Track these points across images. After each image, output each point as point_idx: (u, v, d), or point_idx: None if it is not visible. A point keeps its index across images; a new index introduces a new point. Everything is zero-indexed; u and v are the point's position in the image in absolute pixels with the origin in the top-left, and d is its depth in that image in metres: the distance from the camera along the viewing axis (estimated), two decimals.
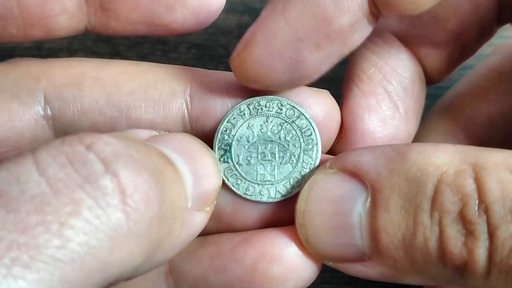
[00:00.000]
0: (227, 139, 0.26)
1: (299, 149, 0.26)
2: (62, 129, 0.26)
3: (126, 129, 0.23)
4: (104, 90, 0.26)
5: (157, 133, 0.23)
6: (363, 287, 0.34)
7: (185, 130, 0.26)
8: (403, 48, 0.28)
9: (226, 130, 0.26)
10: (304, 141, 0.26)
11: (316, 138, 0.26)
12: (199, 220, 0.23)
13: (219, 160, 0.26)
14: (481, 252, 0.21)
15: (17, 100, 0.25)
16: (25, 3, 0.24)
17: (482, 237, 0.21)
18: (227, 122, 0.26)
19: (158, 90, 0.26)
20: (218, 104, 0.26)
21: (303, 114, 0.26)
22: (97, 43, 0.36)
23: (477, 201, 0.21)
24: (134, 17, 0.25)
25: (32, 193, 0.18)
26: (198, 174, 0.23)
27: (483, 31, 0.29)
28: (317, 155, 0.26)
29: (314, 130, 0.26)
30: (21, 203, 0.18)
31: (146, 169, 0.20)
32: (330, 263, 0.25)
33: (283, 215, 0.26)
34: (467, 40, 0.28)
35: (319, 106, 0.26)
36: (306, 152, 0.26)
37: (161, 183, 0.20)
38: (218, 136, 0.26)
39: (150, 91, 0.26)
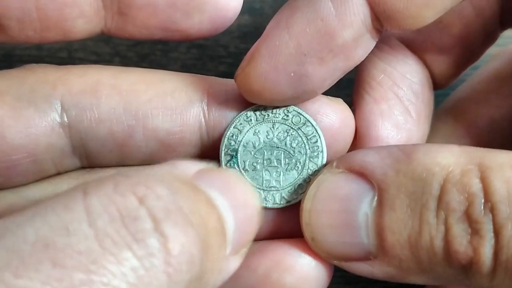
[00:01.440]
0: (233, 145, 0.26)
1: (304, 155, 0.26)
2: (79, 137, 0.26)
3: (175, 161, 0.23)
4: (122, 98, 0.26)
5: (206, 166, 0.23)
6: (364, 287, 0.34)
7: (201, 139, 0.26)
8: (410, 53, 0.29)
9: (232, 136, 0.26)
10: (309, 148, 0.26)
11: (322, 145, 0.26)
12: (234, 264, 0.23)
13: (225, 165, 0.26)
14: (486, 251, 0.21)
15: (33, 107, 0.25)
16: (44, 7, 0.24)
17: (487, 236, 0.21)
18: (233, 127, 0.26)
19: (175, 98, 0.26)
20: (235, 113, 0.26)
21: (309, 121, 0.26)
22: (97, 43, 0.36)
23: (483, 200, 0.22)
24: (151, 22, 0.25)
25: (79, 248, 0.18)
26: (241, 220, 0.23)
27: (487, 35, 0.29)
28: (322, 162, 0.26)
29: (320, 137, 0.26)
30: (67, 257, 0.17)
31: (193, 225, 0.20)
32: (335, 262, 0.25)
33: (288, 221, 0.26)
34: (472, 44, 0.29)
35: (335, 114, 0.26)
36: (311, 159, 0.26)
37: (206, 241, 0.20)
38: (225, 141, 0.26)
39: (167, 100, 0.26)
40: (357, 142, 0.27)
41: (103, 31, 0.26)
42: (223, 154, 0.26)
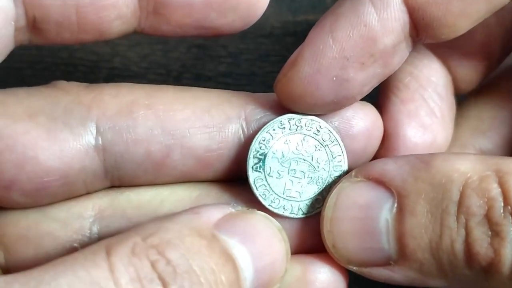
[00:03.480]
0: (263, 149, 0.26)
1: (327, 172, 0.27)
2: (113, 159, 0.26)
3: (199, 208, 0.23)
4: (158, 118, 0.26)
5: (232, 210, 0.23)
6: None
7: (239, 154, 0.26)
8: (435, 58, 0.29)
9: (264, 140, 0.26)
10: (333, 167, 0.27)
11: (345, 165, 0.27)
12: None
13: (252, 168, 0.26)
14: (507, 252, 0.22)
15: (68, 129, 0.25)
16: (83, 10, 0.24)
17: (508, 237, 0.22)
18: (266, 132, 0.26)
19: (213, 116, 0.26)
20: None
21: (337, 140, 0.26)
22: (97, 43, 0.36)
23: (502, 204, 0.22)
24: (186, 21, 0.25)
25: None
26: (261, 268, 0.23)
27: (506, 44, 0.30)
28: None
29: (344, 157, 0.27)
30: None
31: (202, 284, 0.21)
32: (355, 268, 0.25)
33: (308, 236, 0.27)
34: (493, 52, 0.30)
35: (368, 117, 0.27)
36: (333, 178, 0.27)
37: None
38: (255, 145, 0.26)
39: (204, 118, 0.26)
40: (384, 142, 0.28)
41: (137, 30, 0.26)
42: (251, 157, 0.26)
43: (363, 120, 0.27)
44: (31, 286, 0.19)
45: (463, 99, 0.32)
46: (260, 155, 0.26)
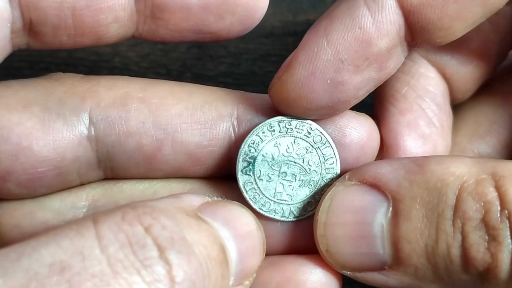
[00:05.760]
0: (252, 152, 0.26)
1: (319, 175, 0.26)
2: (106, 150, 0.26)
3: (180, 194, 0.23)
4: (151, 112, 0.26)
5: (209, 199, 0.24)
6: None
7: (230, 152, 0.26)
8: (431, 67, 0.29)
9: (253, 143, 0.26)
10: (325, 169, 0.26)
11: (337, 168, 0.26)
12: None
13: (241, 172, 0.26)
14: (504, 256, 0.22)
15: (62, 120, 0.25)
16: (79, 13, 0.24)
17: (505, 241, 0.22)
18: (255, 135, 0.26)
19: (205, 113, 0.26)
20: None
21: (329, 142, 0.26)
22: None
23: (499, 208, 0.22)
24: (183, 25, 0.25)
25: (93, 271, 0.19)
26: (244, 251, 0.23)
27: (502, 51, 0.30)
28: None
29: (336, 159, 0.26)
30: (83, 279, 0.18)
31: (196, 255, 0.21)
32: (348, 273, 0.25)
33: (301, 237, 0.27)
34: (488, 59, 0.29)
35: (363, 127, 0.26)
36: (325, 180, 0.26)
37: (208, 269, 0.21)
38: (245, 148, 0.26)
39: (197, 114, 0.26)
40: (384, 153, 0.28)
41: (134, 36, 0.26)
42: (240, 160, 0.26)
43: (356, 130, 0.26)
44: (11, 258, 0.19)
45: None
46: (249, 158, 0.26)
